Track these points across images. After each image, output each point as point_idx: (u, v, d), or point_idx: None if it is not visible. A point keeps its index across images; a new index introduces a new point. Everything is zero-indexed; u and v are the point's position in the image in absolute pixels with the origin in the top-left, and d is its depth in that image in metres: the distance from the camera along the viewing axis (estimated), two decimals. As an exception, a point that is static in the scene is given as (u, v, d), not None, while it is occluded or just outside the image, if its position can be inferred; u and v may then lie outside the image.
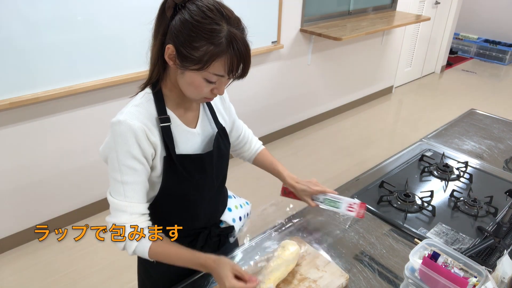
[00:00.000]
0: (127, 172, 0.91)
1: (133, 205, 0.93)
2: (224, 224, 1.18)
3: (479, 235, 1.28)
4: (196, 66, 0.85)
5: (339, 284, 1.06)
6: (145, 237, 0.94)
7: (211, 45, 0.83)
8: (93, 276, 2.19)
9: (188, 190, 1.03)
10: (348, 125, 4.09)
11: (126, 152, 0.90)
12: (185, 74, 0.89)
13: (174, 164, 0.96)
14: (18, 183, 2.25)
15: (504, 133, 2.01)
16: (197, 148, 1.04)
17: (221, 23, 0.84)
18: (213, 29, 0.83)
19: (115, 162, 0.91)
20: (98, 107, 2.39)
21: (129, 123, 0.89)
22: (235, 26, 0.86)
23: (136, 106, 0.93)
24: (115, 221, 0.93)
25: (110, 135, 0.91)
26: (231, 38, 0.84)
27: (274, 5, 3.01)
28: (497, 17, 6.17)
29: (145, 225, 0.95)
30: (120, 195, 0.92)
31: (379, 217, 1.37)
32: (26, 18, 1.93)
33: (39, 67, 2.06)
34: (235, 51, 0.84)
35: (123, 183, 0.92)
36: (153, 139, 0.92)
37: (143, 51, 0.97)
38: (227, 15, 0.85)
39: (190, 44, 0.84)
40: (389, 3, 4.28)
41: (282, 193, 1.30)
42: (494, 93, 5.02)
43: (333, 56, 3.82)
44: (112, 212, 0.95)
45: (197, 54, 0.84)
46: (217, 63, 0.85)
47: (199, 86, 0.90)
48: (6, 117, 2.08)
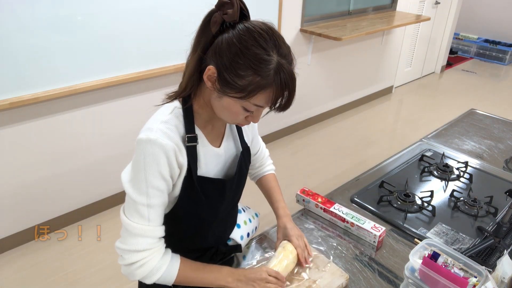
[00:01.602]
0: (155, 194, 0.85)
1: (156, 229, 0.88)
2: (232, 241, 1.15)
3: (479, 235, 1.28)
4: (238, 94, 0.79)
5: (339, 284, 1.06)
6: (169, 252, 0.93)
7: (258, 76, 0.77)
8: (93, 276, 2.18)
9: (202, 210, 0.98)
10: (348, 125, 4.09)
11: (157, 173, 0.83)
12: (222, 99, 0.83)
13: (194, 185, 0.91)
14: (18, 183, 2.25)
15: (504, 133, 2.01)
16: (220, 169, 1.00)
17: (272, 53, 0.77)
18: (262, 59, 0.76)
19: (143, 184, 0.84)
20: (98, 107, 2.39)
21: (161, 142, 0.82)
22: (285, 57, 0.79)
23: (165, 123, 0.86)
24: (135, 248, 0.85)
25: (138, 153, 0.84)
26: (280, 70, 0.77)
27: (274, 5, 3.01)
28: (497, 17, 6.17)
29: (163, 248, 0.92)
30: (144, 219, 0.85)
31: (379, 217, 1.37)
32: (26, 17, 1.93)
33: (39, 67, 2.06)
34: (281, 84, 0.78)
35: (149, 206, 0.85)
36: (180, 159, 0.87)
37: (143, 51, 0.97)
38: (278, 44, 0.79)
39: (235, 71, 0.77)
40: (389, 3, 4.28)
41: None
42: (494, 93, 5.02)
43: (333, 56, 3.82)
44: (129, 238, 0.86)
45: (241, 82, 0.78)
46: (261, 95, 0.79)
47: (236, 113, 0.85)
48: (6, 117, 2.08)
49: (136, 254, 0.86)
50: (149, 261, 0.87)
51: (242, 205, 1.25)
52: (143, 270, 0.87)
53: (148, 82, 2.49)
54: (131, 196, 0.86)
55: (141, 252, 0.86)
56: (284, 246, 1.10)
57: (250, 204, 1.34)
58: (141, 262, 0.87)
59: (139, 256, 0.86)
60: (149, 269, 0.87)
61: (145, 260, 0.87)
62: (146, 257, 0.87)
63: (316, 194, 1.38)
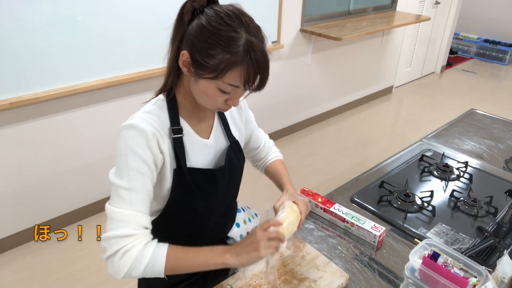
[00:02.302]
0: (136, 177, 0.84)
1: (138, 215, 0.84)
2: (231, 240, 1.15)
3: (479, 235, 1.28)
4: (210, 74, 0.81)
5: (339, 284, 1.06)
6: (155, 242, 0.86)
7: (228, 54, 0.79)
8: (93, 276, 2.18)
9: (196, 205, 0.98)
10: (348, 125, 4.09)
11: (136, 155, 0.84)
12: (198, 83, 0.85)
13: (184, 177, 0.92)
14: (18, 183, 2.25)
15: (504, 133, 2.01)
16: (209, 160, 1.00)
17: (240, 30, 0.79)
18: (230, 37, 0.78)
19: (124, 167, 0.84)
20: (98, 107, 2.39)
21: (141, 126, 0.84)
22: (254, 35, 0.81)
23: (148, 113, 0.89)
24: (118, 233, 0.81)
25: (119, 139, 0.85)
26: (249, 47, 0.79)
27: (274, 5, 3.01)
28: (497, 17, 6.17)
29: (149, 238, 0.86)
30: (125, 203, 0.83)
31: (379, 217, 1.37)
32: (26, 18, 1.93)
33: (39, 67, 2.06)
34: (252, 61, 0.79)
35: (130, 190, 0.83)
36: (163, 147, 0.88)
37: (143, 51, 0.97)
38: (246, 23, 0.81)
39: (205, 51, 0.80)
40: (389, 3, 4.28)
41: None
42: (494, 93, 5.02)
43: (333, 56, 3.82)
44: (111, 224, 0.83)
45: (212, 62, 0.80)
46: (233, 73, 0.80)
47: (213, 96, 0.85)
48: (6, 117, 2.08)
49: (117, 240, 0.82)
50: (131, 248, 0.82)
51: (242, 204, 1.25)
52: (126, 259, 0.82)
53: (148, 82, 2.49)
54: (113, 182, 0.85)
55: (122, 238, 0.82)
56: (291, 206, 1.02)
57: (250, 204, 1.33)
58: (123, 250, 0.81)
59: (120, 243, 0.82)
60: (132, 256, 0.82)
61: (127, 247, 0.82)
62: (128, 244, 0.82)
63: (316, 194, 1.38)
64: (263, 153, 1.25)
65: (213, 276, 1.08)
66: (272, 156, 1.25)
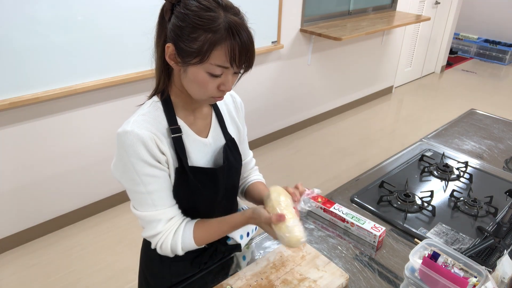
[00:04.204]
0: (150, 181, 0.88)
1: (165, 211, 0.92)
2: (232, 241, 1.14)
3: (479, 235, 1.28)
4: (196, 59, 0.81)
5: (339, 284, 1.06)
6: (183, 225, 0.96)
7: (209, 33, 0.79)
8: (93, 276, 2.19)
9: (198, 203, 1.00)
10: (348, 125, 4.09)
11: (141, 162, 0.86)
12: (187, 72, 0.85)
13: (187, 176, 0.93)
14: (18, 183, 2.25)
15: (504, 133, 2.01)
16: (208, 159, 1.00)
17: (217, 10, 0.80)
18: (209, 16, 0.79)
19: (134, 175, 0.87)
20: (98, 107, 2.39)
21: (137, 132, 0.85)
22: (233, 13, 0.82)
23: (143, 115, 0.90)
24: (152, 233, 0.93)
25: (118, 147, 0.87)
26: (229, 24, 0.79)
27: (274, 5, 3.01)
28: (497, 17, 6.18)
29: (178, 224, 0.96)
30: (149, 206, 0.91)
31: (379, 217, 1.37)
32: (26, 17, 1.93)
33: (39, 67, 2.06)
34: (235, 37, 0.80)
35: (149, 193, 0.89)
36: (163, 148, 0.89)
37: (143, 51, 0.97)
38: (223, 3, 0.82)
39: (188, 37, 0.81)
40: (389, 3, 4.28)
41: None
42: (494, 93, 5.02)
43: (333, 56, 3.83)
44: (146, 226, 0.94)
45: (195, 45, 0.80)
46: (218, 52, 0.80)
47: (204, 82, 0.85)
48: (6, 117, 2.08)
49: (153, 238, 0.94)
50: (164, 242, 0.94)
51: (242, 204, 1.25)
52: (166, 250, 0.95)
53: (148, 82, 2.49)
54: (130, 189, 0.91)
55: (155, 236, 0.94)
56: (273, 191, 0.98)
57: (250, 204, 1.33)
58: (159, 244, 0.95)
59: (155, 240, 0.95)
60: (168, 247, 0.95)
61: (161, 242, 0.94)
62: (160, 239, 0.94)
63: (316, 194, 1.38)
64: (246, 171, 1.20)
65: (213, 276, 1.08)
66: (255, 177, 1.21)
